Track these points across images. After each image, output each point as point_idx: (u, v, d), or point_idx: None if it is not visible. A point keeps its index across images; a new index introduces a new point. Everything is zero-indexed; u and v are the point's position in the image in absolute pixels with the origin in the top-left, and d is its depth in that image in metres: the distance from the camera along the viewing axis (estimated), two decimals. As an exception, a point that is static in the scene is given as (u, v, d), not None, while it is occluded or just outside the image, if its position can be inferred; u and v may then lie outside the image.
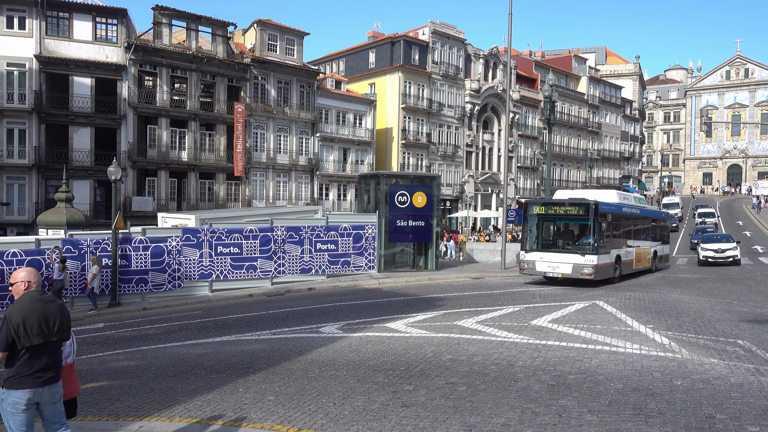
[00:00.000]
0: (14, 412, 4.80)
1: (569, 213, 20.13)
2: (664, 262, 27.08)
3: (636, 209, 23.59)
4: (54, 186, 30.10)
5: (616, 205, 21.74)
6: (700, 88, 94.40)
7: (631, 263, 22.24)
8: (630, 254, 22.09)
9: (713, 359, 8.84)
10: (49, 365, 4.93)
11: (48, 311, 4.92)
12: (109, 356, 11.34)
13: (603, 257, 19.37)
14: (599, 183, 69.91)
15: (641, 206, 24.83)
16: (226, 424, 6.70)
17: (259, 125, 38.38)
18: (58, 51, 31.48)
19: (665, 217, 28.62)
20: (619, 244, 21.18)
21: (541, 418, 6.43)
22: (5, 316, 4.81)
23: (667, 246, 27.58)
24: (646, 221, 24.61)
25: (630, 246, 22.29)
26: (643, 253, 23.57)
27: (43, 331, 4.84)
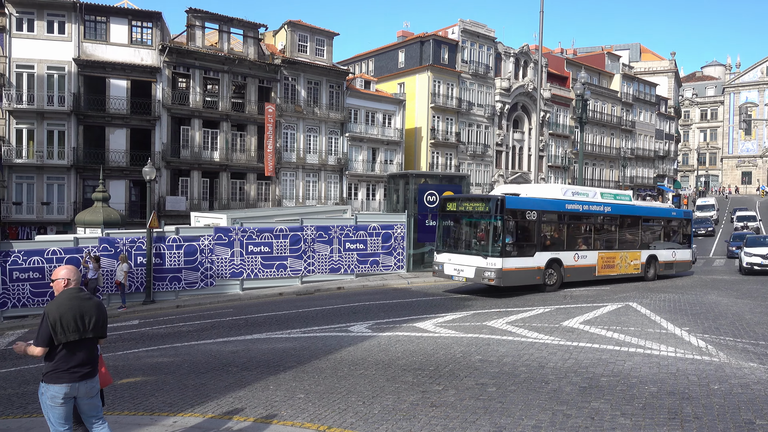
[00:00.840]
0: (53, 405, 4.96)
1: (476, 210, 17.55)
2: (681, 269, 23.65)
3: (598, 206, 19.84)
4: (91, 186, 30.90)
5: (546, 201, 18.32)
6: (738, 85, 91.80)
7: (590, 269, 19.25)
8: (588, 258, 19.15)
9: (752, 363, 8.60)
10: (85, 361, 5.07)
11: (84, 308, 5.06)
12: (144, 352, 11.59)
13: (515, 260, 16.80)
14: (633, 182, 68.59)
15: (615, 203, 20.80)
16: (257, 420, 6.78)
17: (289, 125, 38.73)
18: (95, 54, 32.30)
19: (679, 216, 24.18)
20: (560, 246, 18.40)
21: (573, 420, 6.34)
22: (44, 313, 4.97)
23: (686, 250, 23.94)
24: (628, 220, 21.18)
25: (589, 249, 19.31)
26: (618, 258, 20.33)
27: (79, 328, 4.98)
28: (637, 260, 21.24)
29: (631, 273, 21.02)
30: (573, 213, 19.04)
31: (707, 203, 57.48)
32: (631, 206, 21.67)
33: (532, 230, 17.63)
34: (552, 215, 18.46)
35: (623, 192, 22.48)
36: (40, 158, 31.31)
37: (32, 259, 18.00)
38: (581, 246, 19.24)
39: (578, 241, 19.22)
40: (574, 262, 18.80)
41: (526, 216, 17.42)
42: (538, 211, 17.66)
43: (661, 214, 23.61)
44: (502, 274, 16.32)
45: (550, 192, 19.42)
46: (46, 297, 18.02)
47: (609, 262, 20.13)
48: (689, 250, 24.37)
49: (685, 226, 24.33)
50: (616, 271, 20.38)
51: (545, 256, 17.77)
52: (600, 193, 20.87)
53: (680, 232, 24.03)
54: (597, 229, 20.01)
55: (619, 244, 20.61)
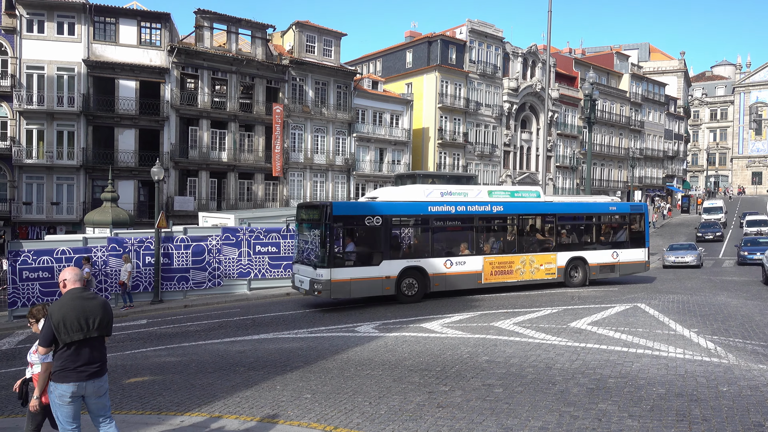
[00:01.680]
0: (61, 404, 5.00)
1: (311, 217, 16.49)
2: (627, 271, 20.92)
3: (482, 206, 17.92)
4: (100, 186, 31.10)
5: (396, 204, 16.95)
6: (749, 85, 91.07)
7: (472, 276, 17.57)
8: (468, 264, 17.49)
9: (762, 365, 8.53)
10: (92, 360, 5.10)
11: (88, 308, 5.09)
12: (152, 352, 11.65)
13: (352, 270, 15.67)
14: (642, 183, 68.22)
15: (510, 201, 18.77)
16: (264, 420, 6.80)
17: (297, 126, 38.81)
18: (104, 55, 32.51)
19: (621, 211, 21.07)
20: (423, 253, 16.93)
21: (580, 422, 6.32)
22: (48, 313, 5.03)
23: (635, 250, 20.83)
24: (534, 220, 19.44)
25: (471, 254, 17.69)
26: (517, 262, 18.38)
27: (82, 328, 5.02)
28: (551, 264, 19.06)
29: (543, 278, 18.93)
30: (441, 215, 17.39)
31: (714, 205, 53.13)
32: (536, 204, 19.40)
33: (376, 237, 16.26)
34: (408, 219, 17.13)
35: (528, 188, 20.46)
36: (50, 158, 31.54)
37: (41, 258, 18.14)
38: (458, 251, 17.58)
39: (452, 246, 17.65)
40: (446, 270, 17.14)
41: (366, 222, 16.09)
42: (384, 216, 16.24)
43: (591, 210, 20.82)
44: (330, 285, 15.27)
45: (412, 194, 17.56)
46: (55, 296, 18.11)
47: (503, 267, 18.20)
48: (641, 250, 21.10)
49: (635, 222, 21.22)
50: (515, 277, 18.40)
51: (398, 264, 16.37)
52: (487, 191, 18.82)
53: (626, 229, 21.04)
54: (482, 231, 18.27)
55: (520, 247, 18.66)
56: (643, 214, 21.54)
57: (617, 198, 21.52)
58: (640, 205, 22.36)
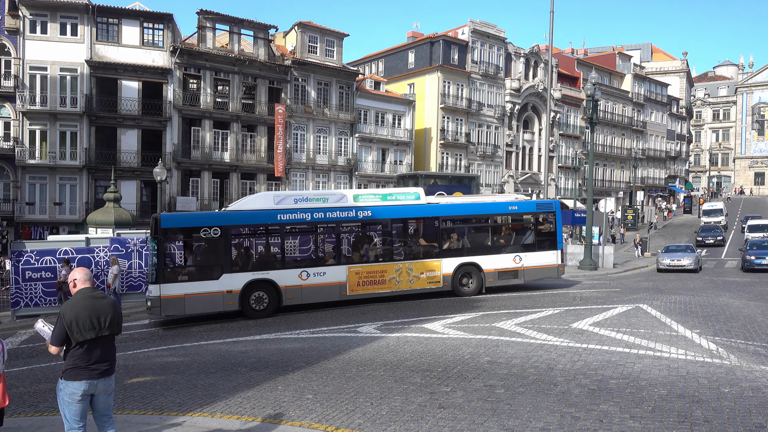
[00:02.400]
0: (70, 402, 5.07)
1: (150, 230, 15.71)
2: (534, 276, 18.95)
3: (345, 212, 16.65)
4: (103, 186, 31.17)
5: (239, 214, 15.86)
6: (752, 85, 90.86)
7: (334, 287, 16.31)
8: (328, 275, 16.26)
9: (764, 366, 8.51)
10: (103, 358, 5.21)
11: (99, 307, 5.18)
12: (154, 352, 11.68)
13: (186, 286, 14.84)
14: (644, 183, 68.14)
15: (381, 206, 17.24)
16: (266, 421, 6.81)
17: (299, 126, 38.84)
18: (107, 56, 32.57)
19: (525, 210, 19.05)
20: (272, 264, 15.92)
21: (582, 423, 6.32)
22: (60, 313, 5.10)
23: (544, 252, 18.87)
24: (412, 225, 17.96)
25: (333, 263, 16.48)
26: (391, 271, 17.00)
27: (94, 326, 5.11)
28: (434, 271, 17.49)
29: (425, 287, 17.41)
30: (294, 223, 16.24)
31: (714, 208, 50.63)
32: (414, 207, 17.63)
33: (214, 249, 15.37)
34: (254, 229, 16.15)
35: (407, 190, 18.42)
36: (53, 159, 31.61)
37: (44, 258, 18.17)
38: (317, 262, 16.39)
39: (310, 257, 16.56)
40: (302, 282, 15.94)
41: (203, 234, 15.20)
42: (224, 227, 15.26)
43: (485, 211, 18.83)
44: (160, 302, 14.44)
45: (261, 202, 16.38)
46: (57, 296, 18.20)
47: (372, 277, 16.82)
48: (552, 253, 19.07)
49: (544, 223, 19.24)
50: (389, 287, 16.97)
51: (241, 277, 15.38)
52: (353, 196, 17.22)
53: (532, 230, 19.11)
54: (346, 239, 17.15)
55: (394, 255, 17.26)
56: (553, 212, 19.29)
57: (523, 196, 19.58)
58: (550, 202, 20.00)
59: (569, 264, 28.38)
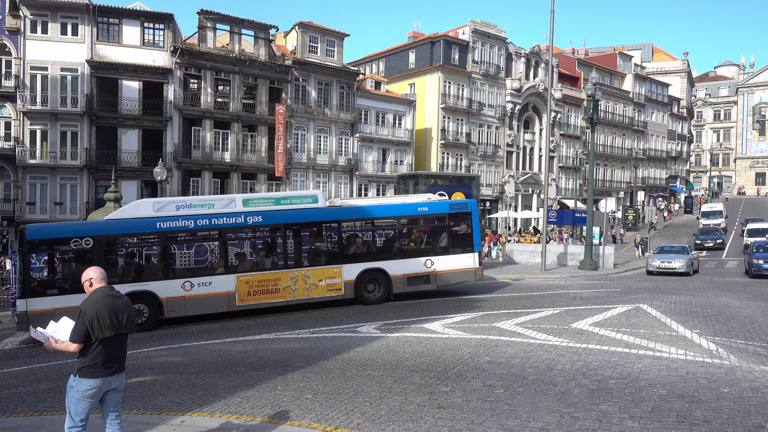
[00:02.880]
0: (81, 399, 5.14)
1: None
2: (448, 281, 17.76)
3: (233, 218, 15.56)
4: (103, 186, 31.18)
5: (113, 223, 14.96)
6: (752, 85, 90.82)
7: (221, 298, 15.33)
8: (215, 285, 15.34)
9: (764, 367, 8.51)
10: (119, 355, 5.36)
11: (117, 306, 5.30)
12: (153, 352, 11.68)
13: (56, 300, 13.87)
14: (645, 183, 68.11)
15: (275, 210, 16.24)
16: (265, 421, 6.81)
17: (300, 126, 38.85)
18: (108, 56, 32.59)
19: (437, 212, 17.75)
20: (154, 275, 15.04)
21: (581, 423, 6.31)
22: (81, 310, 5.17)
23: (459, 256, 17.62)
24: (308, 230, 16.87)
25: (220, 273, 15.54)
26: (286, 279, 15.94)
27: (114, 324, 5.22)
28: (334, 278, 16.42)
29: (325, 296, 16.35)
30: (176, 231, 15.26)
31: (714, 209, 48.70)
32: (311, 211, 16.59)
33: (86, 261, 14.41)
34: (130, 238, 15.25)
35: (303, 193, 17.24)
36: (53, 159, 31.64)
37: (45, 258, 18.15)
38: (202, 271, 15.63)
39: (194, 266, 15.73)
40: (185, 292, 15.05)
41: (73, 245, 14.31)
42: (96, 238, 14.44)
43: (391, 213, 17.61)
44: (27, 317, 13.46)
45: (139, 210, 15.45)
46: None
47: (265, 286, 15.83)
48: (469, 256, 17.81)
49: (458, 224, 17.92)
50: (284, 296, 15.98)
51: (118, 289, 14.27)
52: (242, 201, 16.13)
53: (445, 232, 17.89)
54: (234, 246, 16.20)
55: (289, 262, 16.24)
56: (469, 213, 18.01)
57: (435, 197, 18.53)
58: (465, 202, 18.61)
59: (570, 264, 28.39)
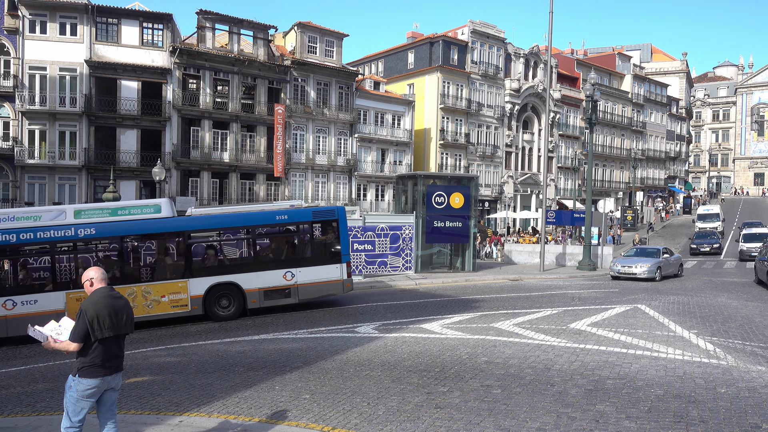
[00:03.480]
0: (80, 398, 5.19)
1: None
2: (312, 294, 16.24)
3: (61, 231, 14.28)
4: (102, 186, 31.17)
5: None
6: (751, 85, 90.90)
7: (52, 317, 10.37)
8: (42, 302, 14.12)
9: (761, 367, 8.53)
10: (117, 355, 5.43)
11: (117, 306, 5.37)
12: (151, 352, 11.69)
13: None
14: (643, 183, 68.16)
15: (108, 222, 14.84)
16: (262, 421, 6.82)
17: (299, 126, 38.86)
18: (106, 56, 32.58)
19: (298, 219, 16.32)
20: None
21: (578, 423, 6.33)
22: (81, 310, 5.22)
23: (322, 267, 16.19)
24: (148, 242, 15.45)
25: (48, 290, 14.39)
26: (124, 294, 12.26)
27: (114, 324, 5.29)
28: (179, 294, 15.12)
29: (169, 313, 15.06)
30: None
31: (710, 212, 46.42)
32: (152, 221, 15.18)
33: None
34: None
35: (144, 203, 16.07)
36: (52, 159, 31.62)
37: (43, 258, 18.12)
38: (27, 288, 14.33)
39: (18, 283, 14.35)
40: (6, 311, 13.90)
41: None
42: None
43: (245, 223, 16.17)
44: None
45: None
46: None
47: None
48: (335, 267, 16.42)
49: (324, 233, 16.80)
50: None
51: None
52: (74, 212, 14.81)
53: (308, 242, 16.67)
54: (64, 261, 14.93)
55: (127, 276, 14.95)
56: (336, 221, 16.62)
57: (300, 203, 17.46)
58: (331, 209, 17.26)
59: (568, 264, 28.41)
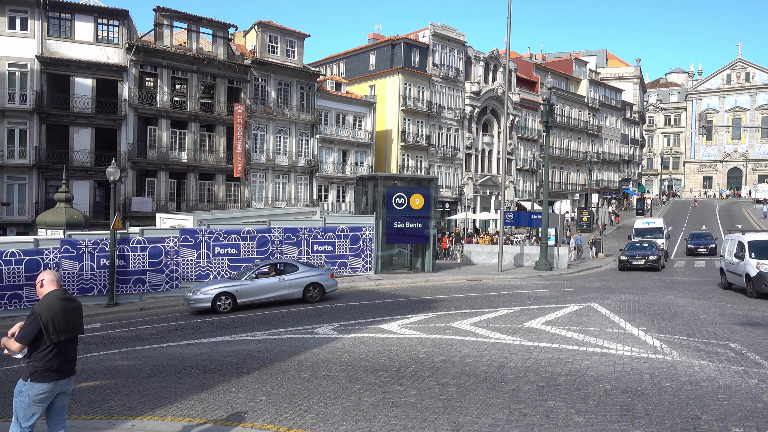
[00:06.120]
0: (32, 403, 5.07)
1: None
2: None
3: None
4: (54, 186, 30.20)
5: None
6: (701, 92, 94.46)
7: None
8: None
9: (703, 361, 8.90)
10: (71, 358, 5.34)
11: (70, 309, 5.28)
12: (105, 356, 11.42)
13: None
14: (599, 186, 69.95)
15: None
16: (218, 423, 6.77)
17: (259, 126, 38.48)
18: (59, 52, 31.60)
19: None
20: None
21: (529, 418, 6.49)
22: (34, 313, 5.10)
23: None
24: None
25: None
26: None
27: (69, 327, 5.21)
28: None
29: None
30: None
31: (651, 226, 36.04)
32: None
33: None
34: None
35: None
36: (1, 157, 30.45)
37: (-10, 261, 17.49)
38: None
39: None
40: None
41: None
42: None
43: None
44: None
45: None
46: (4, 299, 17.61)
47: None
48: None
49: None
50: None
51: None
52: None
53: None
54: None
55: None
56: None
57: None
58: None
59: (526, 264, 28.94)
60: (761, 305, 15.40)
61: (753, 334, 11.21)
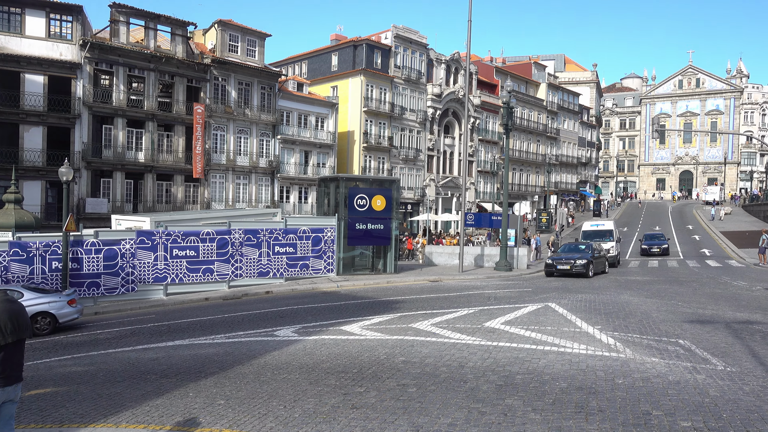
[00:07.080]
0: None
1: None
2: None
3: None
4: (3, 187, 29.06)
5: None
6: (654, 97, 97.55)
7: None
8: None
9: (654, 358, 9.18)
10: (19, 363, 5.12)
11: (15, 311, 5.09)
12: (56, 362, 11.07)
13: None
14: (557, 187, 71.45)
15: None
16: (174, 429, 6.64)
17: (219, 127, 37.92)
18: (8, 47, 30.45)
19: None
20: None
21: (487, 417, 6.59)
22: None
23: None
24: None
25: None
26: None
27: (16, 329, 5.00)
28: None
29: None
30: None
31: (600, 228, 34.39)
32: None
33: None
34: None
35: None
36: (-55, 156, 29.19)
37: (-67, 264, 16.72)
38: None
39: None
40: None
41: None
42: None
43: None
44: None
45: None
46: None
47: None
48: None
49: None
50: None
51: None
52: None
53: None
54: None
55: None
56: None
57: None
58: None
59: (486, 265, 29.32)
60: (709, 304, 15.99)
61: (701, 331, 11.62)
